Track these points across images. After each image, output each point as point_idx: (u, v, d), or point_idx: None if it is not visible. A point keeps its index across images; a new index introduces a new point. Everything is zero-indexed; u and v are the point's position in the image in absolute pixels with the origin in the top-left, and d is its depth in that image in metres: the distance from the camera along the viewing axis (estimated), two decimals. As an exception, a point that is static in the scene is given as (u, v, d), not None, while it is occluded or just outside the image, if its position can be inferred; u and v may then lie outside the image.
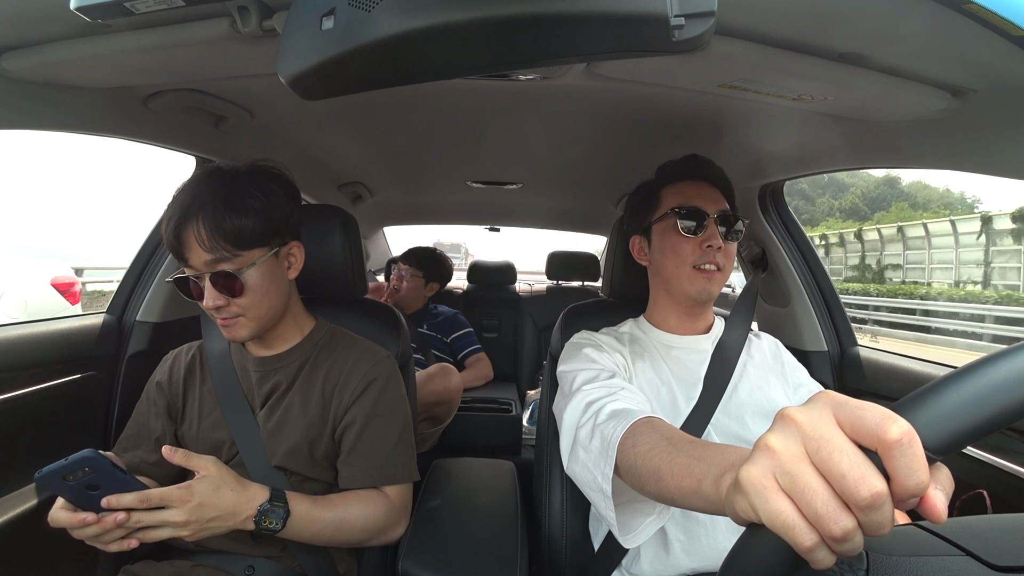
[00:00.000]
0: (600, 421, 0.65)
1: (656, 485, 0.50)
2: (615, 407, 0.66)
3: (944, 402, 0.29)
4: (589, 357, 0.84)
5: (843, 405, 0.30)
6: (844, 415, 0.30)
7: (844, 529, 0.28)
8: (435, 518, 1.00)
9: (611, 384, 0.75)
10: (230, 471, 0.75)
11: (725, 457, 0.43)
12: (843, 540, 0.28)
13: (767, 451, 0.31)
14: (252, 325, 0.82)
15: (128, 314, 1.28)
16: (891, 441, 0.27)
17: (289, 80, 0.49)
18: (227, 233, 0.76)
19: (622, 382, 0.77)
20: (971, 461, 0.95)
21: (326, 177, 1.75)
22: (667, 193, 0.91)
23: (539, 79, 0.86)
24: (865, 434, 0.29)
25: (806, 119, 0.93)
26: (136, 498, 0.67)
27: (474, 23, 0.42)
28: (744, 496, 0.32)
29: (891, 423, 0.28)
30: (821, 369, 1.33)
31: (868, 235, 20.76)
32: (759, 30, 0.63)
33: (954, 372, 0.31)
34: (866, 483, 0.28)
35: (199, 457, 0.72)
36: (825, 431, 0.30)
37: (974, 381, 0.30)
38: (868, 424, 0.29)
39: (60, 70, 0.76)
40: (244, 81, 0.90)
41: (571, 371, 0.83)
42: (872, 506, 0.28)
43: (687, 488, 0.45)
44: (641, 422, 0.59)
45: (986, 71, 0.65)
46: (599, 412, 0.67)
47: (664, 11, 0.41)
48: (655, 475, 0.50)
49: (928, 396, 0.30)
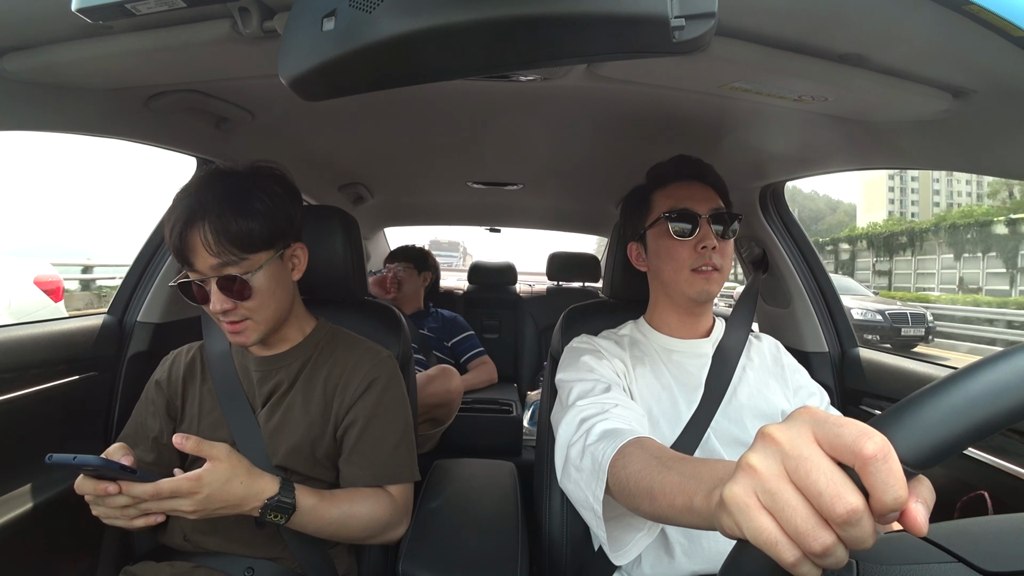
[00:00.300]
0: (590, 442, 0.65)
1: (650, 504, 0.51)
2: (606, 427, 0.67)
3: (922, 416, 0.30)
4: (587, 366, 0.84)
5: (822, 422, 0.31)
6: (822, 433, 0.31)
7: (823, 545, 0.29)
8: (436, 519, 1.00)
9: (605, 401, 0.74)
10: (242, 459, 0.74)
11: (714, 472, 0.44)
12: (824, 555, 0.29)
13: (748, 470, 0.32)
14: (260, 328, 0.82)
15: (129, 315, 1.28)
16: (867, 457, 0.28)
17: (290, 81, 0.49)
18: (233, 237, 0.76)
19: (617, 396, 0.76)
20: (972, 462, 0.94)
21: (327, 178, 1.75)
22: (658, 197, 0.90)
23: (540, 80, 0.86)
24: (843, 451, 0.29)
25: (807, 120, 0.93)
26: (147, 491, 0.68)
27: (475, 24, 0.42)
28: (729, 514, 0.33)
29: (867, 439, 0.29)
30: (822, 370, 1.33)
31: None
32: (760, 31, 0.63)
33: (932, 385, 0.31)
34: (842, 500, 0.28)
35: (211, 444, 0.72)
36: (803, 449, 0.31)
37: (951, 395, 0.30)
38: (845, 441, 0.29)
39: (61, 71, 0.76)
40: (245, 82, 0.90)
41: (568, 381, 0.83)
42: (849, 522, 0.28)
43: (680, 505, 0.46)
44: (631, 443, 0.59)
45: (986, 72, 0.65)
46: (590, 431, 0.67)
47: (664, 12, 0.41)
48: (648, 495, 0.51)
49: (905, 410, 0.31)
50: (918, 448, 0.29)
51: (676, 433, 0.82)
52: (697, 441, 0.81)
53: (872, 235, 31.06)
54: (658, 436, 0.82)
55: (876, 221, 43.07)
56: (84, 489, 0.68)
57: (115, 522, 0.71)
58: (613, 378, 0.82)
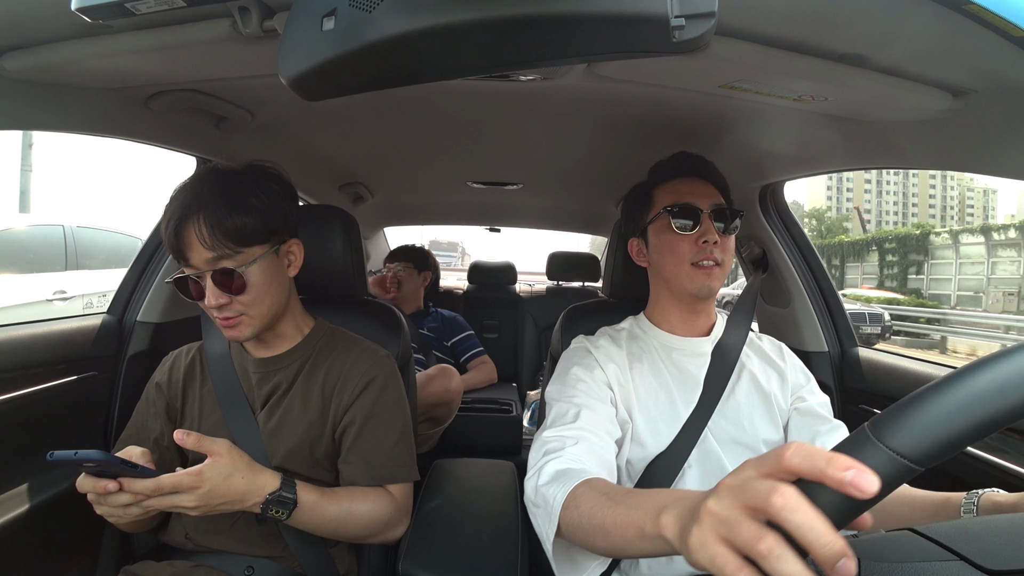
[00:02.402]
0: (541, 483, 0.66)
1: (605, 540, 0.52)
2: (557, 467, 0.67)
3: (923, 415, 0.31)
4: (572, 381, 0.83)
5: (738, 490, 0.35)
6: (745, 500, 0.34)
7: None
8: (435, 519, 1.00)
9: (565, 435, 0.73)
10: (243, 455, 0.74)
11: (658, 500, 0.47)
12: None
13: (701, 536, 0.37)
14: (254, 323, 0.82)
15: (129, 315, 1.28)
16: (775, 512, 0.31)
17: (290, 81, 0.49)
18: (228, 230, 0.76)
19: (584, 424, 0.75)
20: (972, 461, 0.94)
21: (327, 177, 1.75)
22: (659, 193, 0.91)
23: (539, 80, 0.86)
24: (762, 511, 0.33)
25: (807, 119, 0.93)
26: (148, 487, 0.67)
27: (475, 24, 0.42)
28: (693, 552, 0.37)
29: (773, 495, 0.32)
30: (821, 369, 1.33)
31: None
32: (759, 31, 0.63)
33: (933, 384, 0.32)
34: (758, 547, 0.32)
35: (212, 440, 0.72)
36: (729, 516, 0.35)
37: (952, 393, 0.31)
38: (758, 502, 0.33)
39: (61, 70, 0.76)
40: (245, 81, 0.90)
41: (551, 400, 0.84)
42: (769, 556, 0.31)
43: (632, 536, 0.48)
44: (580, 485, 0.61)
45: (986, 72, 0.65)
46: (542, 470, 0.68)
47: (664, 12, 0.41)
48: (602, 531, 0.52)
49: (907, 409, 0.32)
50: (919, 446, 0.29)
51: (674, 433, 0.82)
52: (695, 441, 0.81)
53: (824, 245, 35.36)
54: (655, 438, 0.82)
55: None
56: (85, 487, 0.68)
57: (119, 521, 0.70)
58: (598, 393, 0.81)
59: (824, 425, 0.84)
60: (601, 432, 0.76)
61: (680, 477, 0.80)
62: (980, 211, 75.90)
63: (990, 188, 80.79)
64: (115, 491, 0.66)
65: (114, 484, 0.67)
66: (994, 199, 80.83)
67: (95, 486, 0.67)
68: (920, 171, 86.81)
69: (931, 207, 73.99)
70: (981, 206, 77.55)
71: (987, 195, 79.33)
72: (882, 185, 72.78)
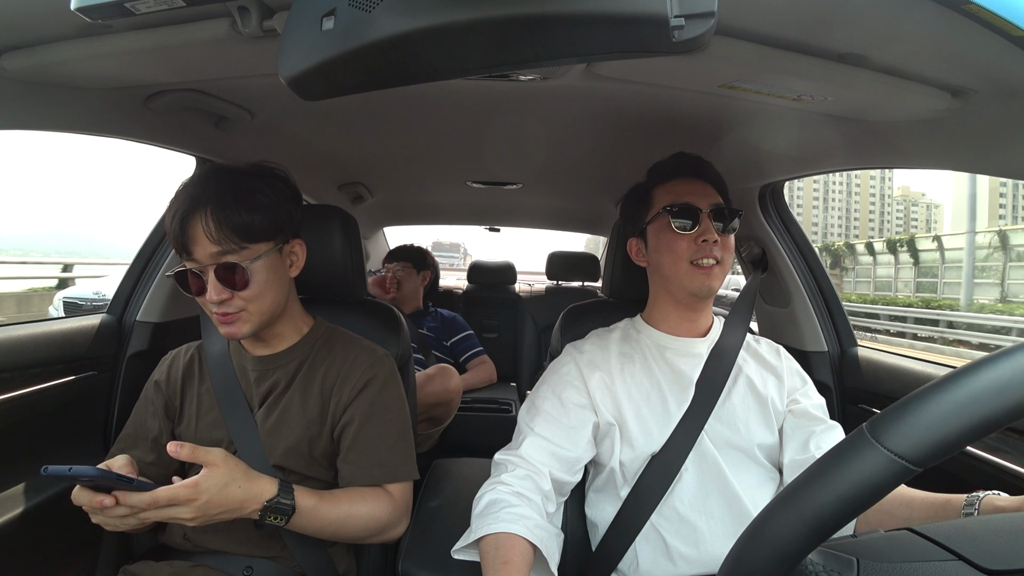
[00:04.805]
0: (476, 511, 0.78)
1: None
2: (491, 498, 0.78)
3: (922, 415, 0.31)
4: (540, 401, 0.88)
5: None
6: None
7: None
8: (435, 518, 1.00)
9: (515, 460, 0.83)
10: (238, 463, 0.74)
11: None
12: None
13: None
14: (253, 320, 0.82)
15: (128, 314, 1.28)
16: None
17: (290, 80, 0.49)
18: (235, 225, 0.76)
19: (523, 456, 0.83)
20: (972, 461, 0.95)
21: (326, 177, 1.75)
22: (658, 193, 0.91)
23: (539, 79, 0.86)
24: None
25: (806, 119, 0.93)
26: (144, 500, 0.67)
27: (474, 23, 0.42)
28: None
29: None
30: (821, 369, 1.33)
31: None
32: (759, 30, 0.63)
33: (932, 384, 0.32)
34: None
35: (206, 451, 0.72)
36: None
37: (952, 393, 0.31)
38: None
39: (60, 70, 0.76)
40: (244, 81, 0.90)
41: (520, 416, 0.91)
42: None
43: None
44: (501, 536, 0.73)
45: (986, 71, 0.65)
46: (480, 499, 0.80)
47: (664, 12, 0.41)
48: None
49: (906, 409, 0.32)
50: (918, 447, 0.29)
51: (666, 434, 0.82)
52: (691, 443, 0.81)
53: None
54: (647, 438, 0.82)
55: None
56: (80, 500, 0.68)
57: (116, 528, 0.70)
58: (562, 418, 0.86)
59: (819, 425, 0.84)
60: (538, 463, 0.83)
61: (677, 480, 0.80)
62: (923, 224, 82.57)
63: (933, 203, 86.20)
64: (111, 506, 0.66)
65: (110, 499, 0.66)
66: (937, 213, 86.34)
67: (91, 501, 0.67)
68: (862, 191, 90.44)
69: (871, 221, 79.57)
70: (924, 219, 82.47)
71: (930, 209, 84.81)
72: (829, 201, 78.24)
